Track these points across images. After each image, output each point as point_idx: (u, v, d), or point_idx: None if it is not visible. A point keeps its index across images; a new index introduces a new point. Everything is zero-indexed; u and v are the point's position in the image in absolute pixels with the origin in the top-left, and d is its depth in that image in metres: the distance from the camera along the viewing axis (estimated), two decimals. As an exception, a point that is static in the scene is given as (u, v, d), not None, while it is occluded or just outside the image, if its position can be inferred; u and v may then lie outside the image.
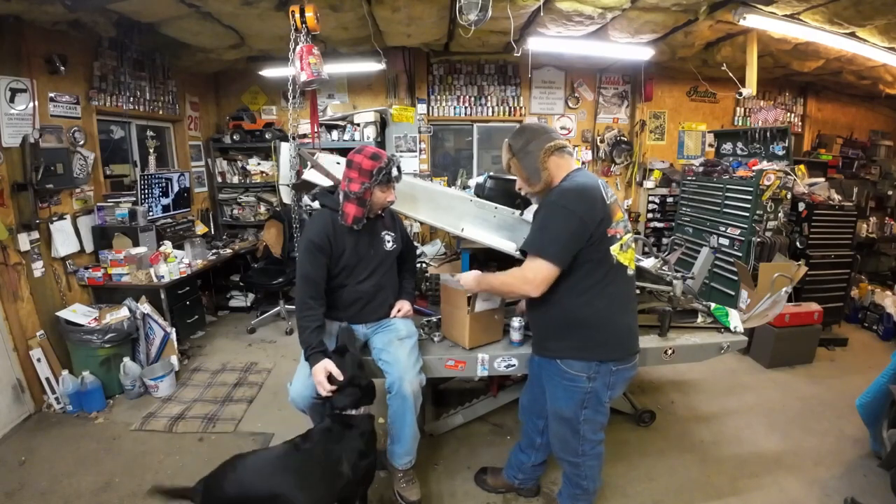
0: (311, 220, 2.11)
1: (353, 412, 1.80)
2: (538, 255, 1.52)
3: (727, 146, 4.71)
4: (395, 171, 1.93)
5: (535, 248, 1.54)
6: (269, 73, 4.69)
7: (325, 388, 1.75)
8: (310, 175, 2.41)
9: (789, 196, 3.73)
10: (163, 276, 3.33)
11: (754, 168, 3.79)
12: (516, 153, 1.66)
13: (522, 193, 1.76)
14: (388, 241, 2.11)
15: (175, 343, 3.26)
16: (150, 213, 3.83)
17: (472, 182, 3.79)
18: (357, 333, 2.10)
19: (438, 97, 5.12)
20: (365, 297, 2.07)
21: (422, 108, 5.05)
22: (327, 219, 1.98)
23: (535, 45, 3.75)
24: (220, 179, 5.02)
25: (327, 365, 1.78)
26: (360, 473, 1.76)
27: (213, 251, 4.17)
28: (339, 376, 1.77)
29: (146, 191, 3.87)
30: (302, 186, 2.50)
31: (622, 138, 5.42)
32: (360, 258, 2.03)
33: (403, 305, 2.17)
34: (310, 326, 1.87)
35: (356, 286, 2.04)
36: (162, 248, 3.52)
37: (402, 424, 1.93)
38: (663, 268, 2.47)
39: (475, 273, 1.82)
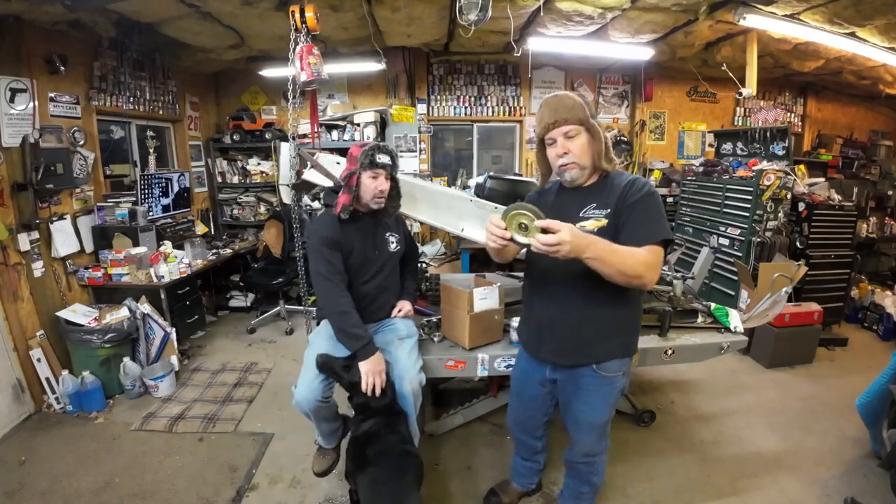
0: (318, 220, 2.11)
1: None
2: (663, 245, 1.42)
3: (727, 146, 4.71)
4: (379, 156, 1.91)
5: (666, 236, 1.41)
6: (269, 73, 4.69)
7: (382, 383, 1.78)
8: (310, 175, 2.42)
9: (789, 196, 3.73)
10: (163, 276, 3.32)
11: (754, 168, 3.78)
12: (595, 117, 1.48)
13: (565, 162, 1.48)
14: (393, 243, 2.12)
15: (175, 343, 3.26)
16: (150, 213, 3.83)
17: (472, 182, 3.80)
18: None
19: (438, 97, 5.12)
20: (368, 298, 2.06)
21: (422, 108, 5.05)
22: (332, 216, 1.98)
23: (535, 45, 3.75)
24: (220, 179, 5.02)
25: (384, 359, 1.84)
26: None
27: (213, 251, 4.17)
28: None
29: (146, 191, 3.87)
30: (302, 186, 2.51)
31: (622, 138, 5.41)
32: (367, 259, 2.03)
33: (404, 305, 2.17)
34: (353, 319, 1.84)
35: (360, 287, 2.04)
36: (162, 248, 3.52)
37: None
38: (663, 268, 2.47)
39: (573, 228, 1.27)
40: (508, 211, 1.33)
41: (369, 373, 1.77)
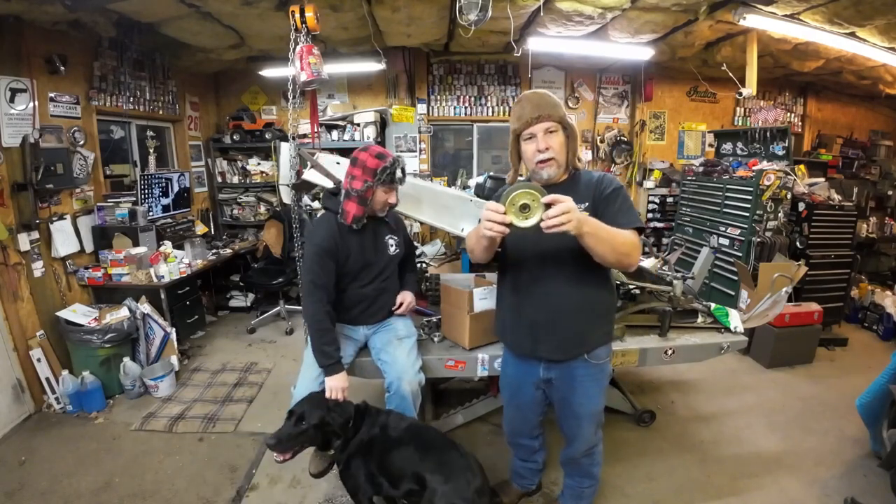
0: (316, 224, 2.09)
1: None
2: (640, 232, 1.49)
3: (727, 146, 4.71)
4: (398, 173, 1.91)
5: (640, 224, 1.51)
6: (269, 73, 4.69)
7: (342, 398, 1.83)
8: (310, 175, 2.42)
9: (789, 196, 3.73)
10: (163, 276, 3.33)
11: (754, 168, 3.79)
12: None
13: (546, 157, 1.49)
14: (392, 246, 2.09)
15: (175, 343, 3.26)
16: (150, 213, 3.83)
17: (472, 182, 3.80)
18: (357, 334, 2.11)
19: (438, 97, 5.12)
20: (367, 301, 2.06)
21: (422, 108, 5.05)
22: (332, 222, 1.95)
23: (535, 45, 3.75)
24: (220, 179, 5.02)
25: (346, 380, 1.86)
26: None
27: (213, 251, 4.17)
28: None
29: (146, 191, 3.87)
30: (302, 186, 2.51)
31: (622, 138, 5.42)
32: (366, 263, 2.01)
33: (406, 296, 2.15)
34: (328, 336, 1.87)
35: (359, 289, 2.03)
36: (162, 248, 3.52)
37: None
38: (663, 268, 2.48)
39: (573, 205, 1.24)
40: (510, 193, 1.25)
41: (334, 388, 1.82)
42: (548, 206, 1.23)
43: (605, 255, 1.36)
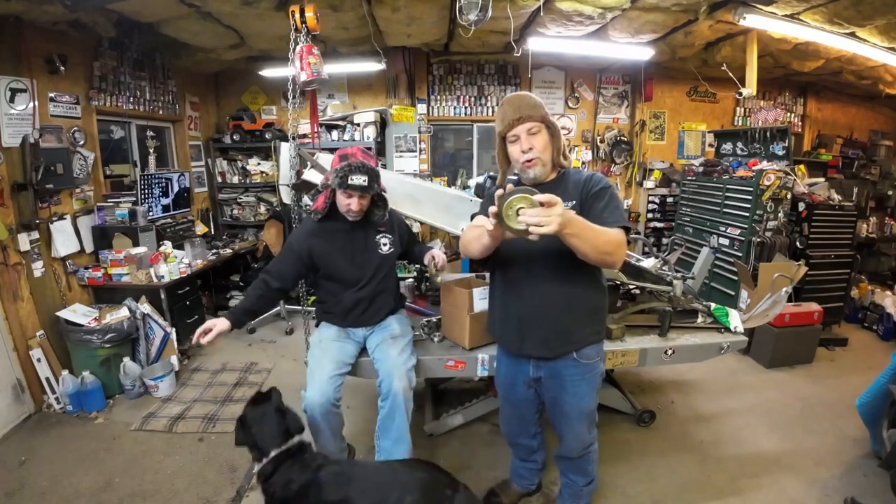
0: (302, 223, 2.14)
1: None
2: (627, 231, 1.48)
3: (727, 146, 4.71)
4: (353, 177, 1.82)
5: (626, 223, 1.50)
6: (269, 73, 4.69)
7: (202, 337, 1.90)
8: (310, 175, 2.42)
9: (789, 196, 3.73)
10: (163, 276, 3.33)
11: (754, 168, 3.79)
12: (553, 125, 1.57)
13: (530, 157, 1.51)
14: (385, 245, 2.08)
15: (175, 343, 3.26)
16: (150, 213, 3.83)
17: (472, 182, 3.81)
18: (357, 336, 2.11)
19: (438, 97, 5.12)
20: (364, 303, 2.06)
21: (422, 108, 5.05)
22: (309, 222, 2.03)
23: (535, 45, 3.75)
24: (220, 179, 5.02)
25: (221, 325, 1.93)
26: None
27: (213, 251, 4.18)
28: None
29: (146, 191, 3.87)
30: (302, 186, 2.51)
31: (622, 138, 5.42)
32: (354, 265, 2.01)
33: (433, 252, 2.17)
34: (241, 305, 2.03)
35: (355, 293, 2.03)
36: (162, 248, 3.52)
37: (391, 426, 1.88)
38: (663, 268, 2.48)
39: (558, 209, 1.22)
40: (505, 199, 1.23)
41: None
42: (542, 205, 1.23)
43: (587, 254, 1.36)
